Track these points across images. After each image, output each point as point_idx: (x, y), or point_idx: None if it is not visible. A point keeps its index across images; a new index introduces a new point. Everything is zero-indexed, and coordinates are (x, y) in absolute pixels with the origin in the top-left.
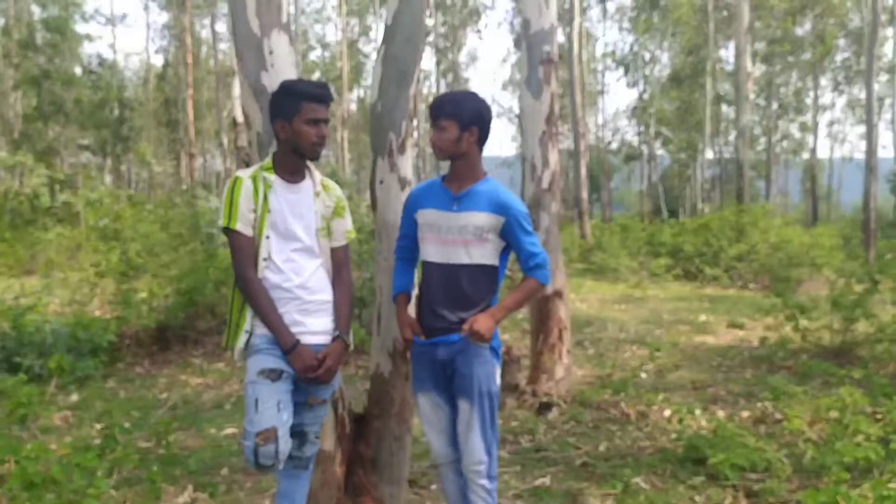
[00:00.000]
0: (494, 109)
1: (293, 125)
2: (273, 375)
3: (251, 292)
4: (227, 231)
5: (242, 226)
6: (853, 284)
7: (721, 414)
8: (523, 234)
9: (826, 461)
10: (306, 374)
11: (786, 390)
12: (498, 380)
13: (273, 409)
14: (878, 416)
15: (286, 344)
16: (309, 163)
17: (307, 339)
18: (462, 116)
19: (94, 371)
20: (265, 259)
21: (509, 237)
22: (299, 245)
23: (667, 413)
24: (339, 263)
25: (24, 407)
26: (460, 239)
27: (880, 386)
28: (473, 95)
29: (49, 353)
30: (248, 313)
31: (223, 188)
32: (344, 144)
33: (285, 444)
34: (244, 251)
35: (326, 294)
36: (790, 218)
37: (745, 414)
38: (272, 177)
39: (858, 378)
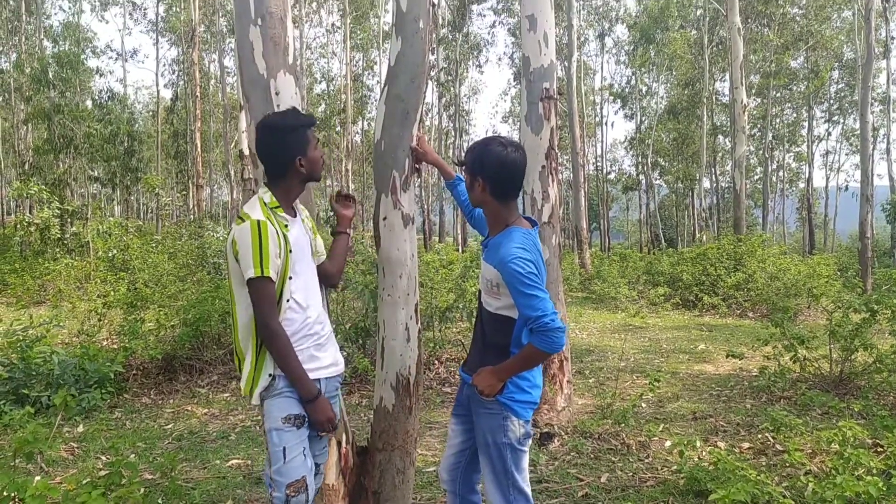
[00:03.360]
0: None
1: (308, 156)
2: (298, 422)
3: (278, 344)
4: (258, 280)
5: (273, 273)
6: (851, 314)
7: (722, 445)
8: (516, 295)
9: (827, 496)
10: (324, 426)
11: (786, 422)
12: (512, 433)
13: (301, 457)
14: (879, 449)
15: (309, 394)
16: None
17: (321, 374)
18: (469, 165)
19: (100, 402)
20: (288, 300)
21: (511, 295)
22: (312, 276)
23: (667, 444)
24: (325, 268)
25: (31, 444)
26: (484, 286)
27: (880, 418)
28: (484, 143)
29: (56, 384)
30: (269, 354)
31: (231, 220)
32: (348, 176)
33: (314, 490)
34: (271, 300)
35: (328, 323)
36: (787, 247)
37: (746, 445)
38: (284, 214)
39: (858, 410)
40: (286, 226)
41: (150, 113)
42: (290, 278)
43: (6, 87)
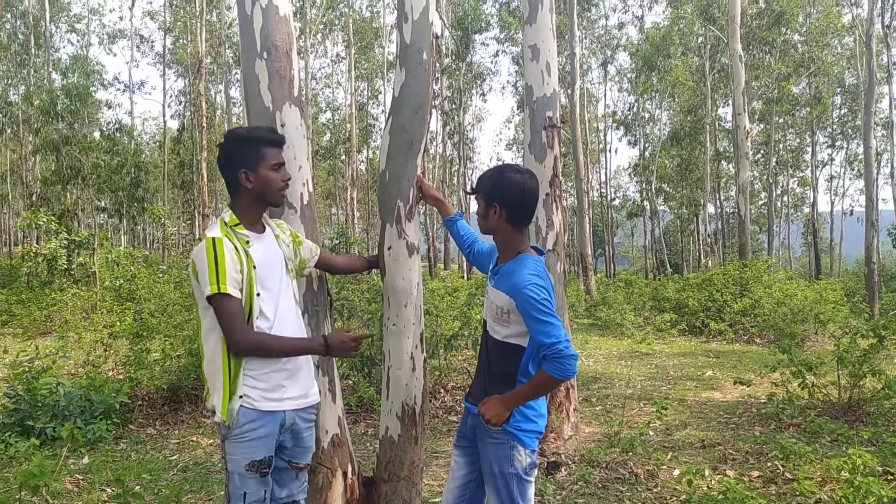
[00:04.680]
0: None
1: (258, 173)
2: (263, 470)
3: (265, 345)
4: (217, 297)
5: (233, 289)
6: (859, 340)
7: (731, 474)
8: (531, 321)
9: None
10: (351, 353)
11: (795, 449)
12: (518, 462)
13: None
14: (890, 477)
15: (319, 348)
16: None
17: (286, 406)
18: (484, 192)
19: (105, 433)
20: (257, 317)
21: (524, 321)
22: (283, 295)
23: (676, 473)
24: (332, 259)
25: (36, 477)
26: (491, 313)
27: (890, 445)
28: (499, 171)
29: (62, 415)
30: (240, 380)
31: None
32: (353, 204)
33: None
34: (238, 315)
35: None
36: (793, 272)
37: (755, 474)
38: (245, 231)
39: (868, 437)
40: (248, 242)
41: (157, 143)
42: (258, 294)
43: (14, 119)
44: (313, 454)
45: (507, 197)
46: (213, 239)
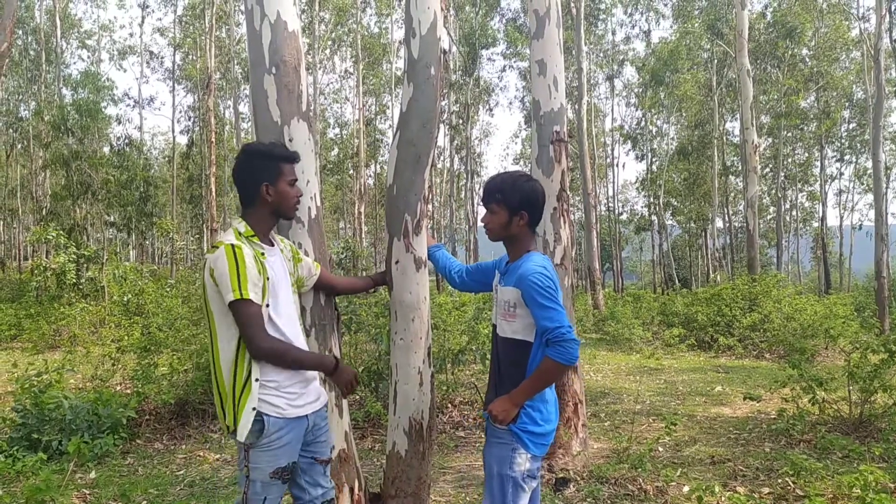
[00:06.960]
0: None
1: (278, 187)
2: (286, 475)
3: (281, 352)
4: (239, 302)
5: (255, 295)
6: (869, 355)
7: (741, 490)
8: (536, 308)
9: None
10: (347, 390)
11: (806, 466)
12: (518, 466)
13: None
14: None
15: (329, 366)
16: None
17: (309, 410)
18: (512, 203)
19: (112, 448)
20: (267, 326)
21: (530, 310)
22: (291, 308)
23: (685, 489)
24: (330, 279)
25: (43, 492)
26: (500, 312)
27: None
28: (523, 181)
29: (69, 429)
30: (254, 391)
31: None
32: (361, 218)
33: None
34: (260, 321)
35: None
36: (802, 287)
37: (766, 490)
38: (259, 243)
39: (879, 453)
40: (262, 254)
41: (166, 158)
42: (268, 306)
43: (25, 135)
44: (332, 446)
45: (532, 204)
46: (233, 245)
